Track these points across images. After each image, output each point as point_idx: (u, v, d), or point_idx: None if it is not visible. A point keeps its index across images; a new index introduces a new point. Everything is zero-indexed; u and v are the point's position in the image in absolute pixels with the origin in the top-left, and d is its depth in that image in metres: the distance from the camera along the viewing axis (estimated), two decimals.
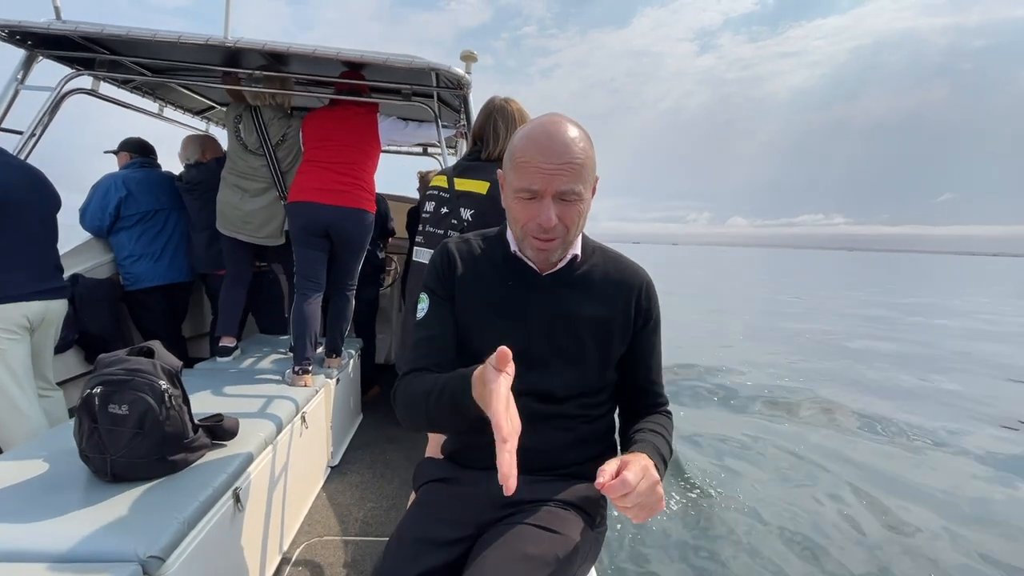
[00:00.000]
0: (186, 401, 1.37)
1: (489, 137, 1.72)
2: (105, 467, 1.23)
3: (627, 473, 0.74)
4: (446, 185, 1.70)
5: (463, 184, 1.69)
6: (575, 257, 1.06)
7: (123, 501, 1.21)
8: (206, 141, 2.95)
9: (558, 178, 0.91)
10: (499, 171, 1.04)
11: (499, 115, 1.73)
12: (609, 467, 0.76)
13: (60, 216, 2.17)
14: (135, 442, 1.23)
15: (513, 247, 1.05)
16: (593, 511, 1.05)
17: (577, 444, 1.06)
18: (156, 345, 1.38)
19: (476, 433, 1.00)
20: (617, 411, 1.16)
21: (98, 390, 1.22)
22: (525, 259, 1.04)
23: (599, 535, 1.07)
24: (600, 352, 1.04)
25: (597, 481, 0.75)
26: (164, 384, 1.28)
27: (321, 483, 2.39)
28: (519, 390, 0.99)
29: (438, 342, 1.04)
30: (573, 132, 0.93)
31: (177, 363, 1.37)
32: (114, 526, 1.11)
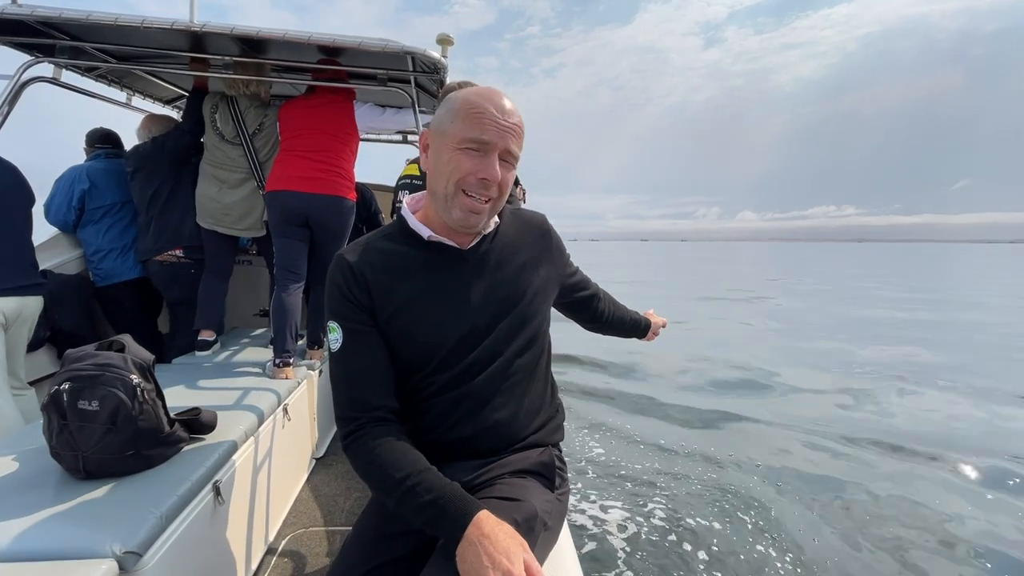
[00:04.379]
0: (160, 395, 1.34)
1: None
2: (77, 464, 1.20)
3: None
4: (418, 172, 1.69)
5: None
6: (495, 225, 1.08)
7: (97, 497, 1.18)
8: (152, 120, 2.82)
9: (508, 135, 0.93)
10: (424, 130, 1.01)
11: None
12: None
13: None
14: (107, 438, 1.20)
15: (427, 233, 1.01)
16: (550, 474, 1.06)
17: (532, 410, 1.08)
18: (127, 339, 1.34)
19: (431, 431, 1.01)
20: (586, 321, 1.42)
21: (66, 386, 1.18)
22: (444, 240, 1.01)
23: (561, 497, 1.08)
24: (537, 302, 1.08)
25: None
26: (135, 378, 1.25)
27: (306, 475, 2.38)
28: (472, 369, 1.00)
29: (371, 377, 0.96)
30: (513, 103, 0.96)
31: (149, 356, 1.33)
32: (88, 523, 1.09)
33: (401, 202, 1.74)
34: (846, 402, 5.32)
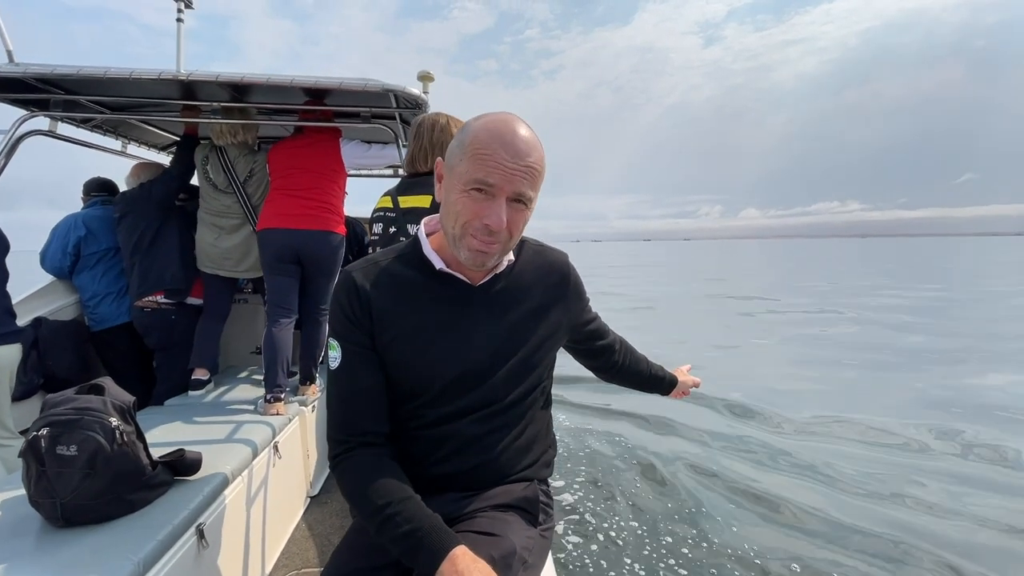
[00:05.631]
0: (141, 437, 1.34)
1: (411, 152, 1.75)
2: (55, 512, 1.19)
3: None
4: (391, 205, 1.72)
5: (407, 201, 1.70)
6: (510, 263, 1.02)
7: (74, 546, 1.16)
8: (141, 167, 2.87)
9: (517, 178, 0.86)
10: (439, 159, 0.96)
11: (412, 128, 1.75)
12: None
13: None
14: (86, 483, 1.19)
15: (439, 264, 0.97)
16: (533, 509, 1.03)
17: (524, 449, 1.05)
18: (107, 382, 1.34)
19: (416, 464, 0.99)
20: (597, 367, 1.34)
21: (44, 432, 1.18)
22: (455, 274, 0.98)
23: (545, 533, 1.04)
24: (542, 351, 1.04)
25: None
26: (115, 421, 1.24)
27: (300, 514, 2.33)
28: (465, 410, 0.98)
29: (365, 400, 0.95)
30: (533, 136, 0.89)
31: (129, 398, 1.33)
32: (65, 572, 1.07)
33: (377, 235, 1.76)
34: None
